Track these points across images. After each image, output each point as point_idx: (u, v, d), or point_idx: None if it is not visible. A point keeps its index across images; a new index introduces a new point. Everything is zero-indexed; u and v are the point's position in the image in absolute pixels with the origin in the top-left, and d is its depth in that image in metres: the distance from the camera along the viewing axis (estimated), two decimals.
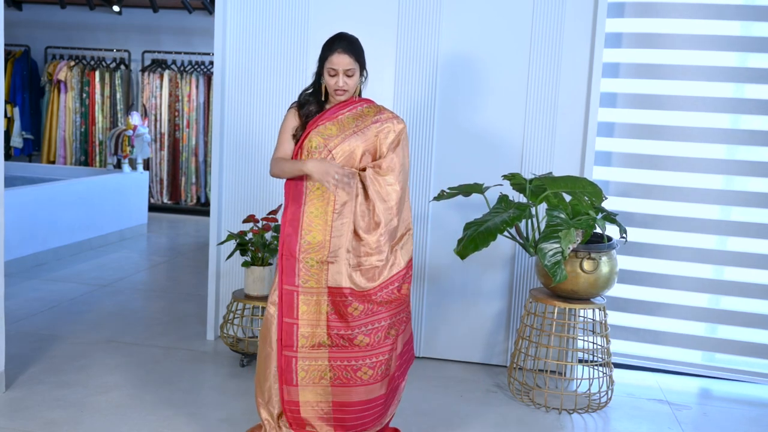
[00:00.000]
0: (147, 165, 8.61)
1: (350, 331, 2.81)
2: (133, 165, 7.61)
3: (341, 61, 2.83)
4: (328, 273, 2.82)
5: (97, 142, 9.06)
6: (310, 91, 2.99)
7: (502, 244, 3.95)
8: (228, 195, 4.26)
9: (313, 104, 2.96)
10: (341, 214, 2.82)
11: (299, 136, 2.94)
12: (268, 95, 4.16)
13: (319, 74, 2.94)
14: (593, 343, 3.68)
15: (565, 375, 3.83)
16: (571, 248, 3.31)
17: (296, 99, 3.05)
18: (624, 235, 3.55)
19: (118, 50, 9.30)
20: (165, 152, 8.99)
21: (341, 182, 2.74)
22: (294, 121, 2.98)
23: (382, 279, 2.84)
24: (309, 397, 2.85)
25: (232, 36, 4.15)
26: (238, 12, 4.13)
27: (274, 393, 2.93)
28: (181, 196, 9.08)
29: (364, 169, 2.87)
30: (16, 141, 9.09)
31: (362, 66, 2.90)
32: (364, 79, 2.96)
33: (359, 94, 2.97)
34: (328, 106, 2.96)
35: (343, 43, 2.85)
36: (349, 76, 2.86)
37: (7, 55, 9.07)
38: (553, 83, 3.89)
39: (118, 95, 9.09)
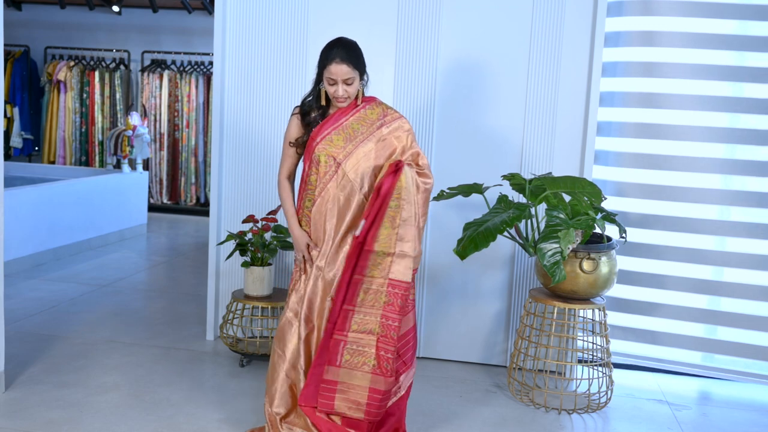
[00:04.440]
0: (146, 165, 8.62)
1: (397, 323, 2.88)
2: (132, 165, 7.61)
3: (339, 71, 2.85)
4: (392, 266, 2.87)
5: (96, 142, 9.07)
6: (310, 98, 3.01)
7: (502, 244, 3.95)
8: (227, 195, 4.26)
9: (315, 110, 2.98)
10: (405, 210, 2.90)
11: (303, 143, 3.01)
12: (267, 95, 4.16)
13: (318, 80, 2.96)
14: (593, 343, 3.68)
15: (564, 375, 3.83)
16: (571, 248, 3.31)
17: (298, 104, 3.07)
18: (623, 235, 3.55)
19: (117, 50, 9.30)
20: (164, 152, 8.99)
21: (301, 261, 3.01)
22: (296, 131, 3.04)
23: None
24: (347, 379, 2.88)
25: (231, 36, 4.16)
26: (237, 12, 4.13)
27: (279, 396, 2.97)
28: (180, 196, 9.08)
29: (394, 168, 2.90)
30: (16, 141, 9.10)
31: (362, 72, 2.93)
32: (365, 83, 2.97)
33: (362, 95, 2.99)
34: (331, 111, 2.98)
35: (341, 52, 2.85)
36: (348, 84, 2.88)
37: (7, 55, 9.07)
38: (552, 82, 3.89)
39: (118, 95, 9.10)
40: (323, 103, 2.98)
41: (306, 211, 3.01)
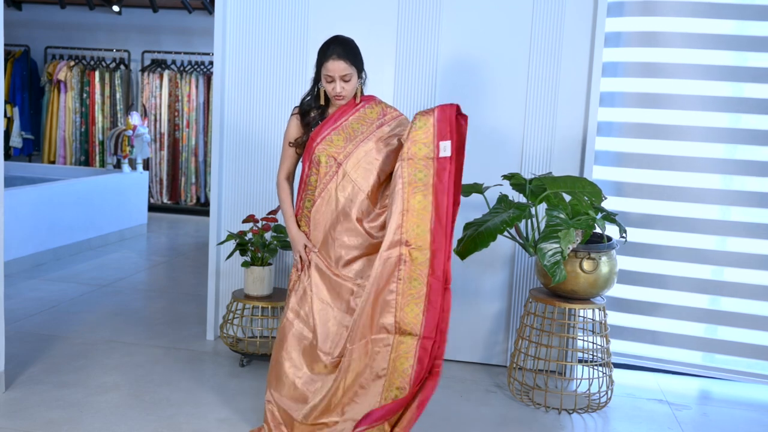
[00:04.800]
0: (147, 165, 8.62)
1: None
2: (132, 165, 7.61)
3: (337, 67, 2.83)
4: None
5: (97, 142, 9.07)
6: (309, 97, 3.00)
7: (502, 244, 3.94)
8: (228, 195, 4.26)
9: (314, 110, 2.97)
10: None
11: (302, 143, 2.99)
12: (268, 95, 4.16)
13: (316, 79, 2.95)
14: (593, 343, 3.68)
15: (564, 375, 3.83)
16: (571, 248, 3.31)
17: (298, 104, 3.06)
18: (624, 235, 3.55)
19: (117, 50, 9.30)
20: (165, 152, 8.99)
21: (298, 261, 3.00)
22: (295, 131, 3.03)
23: None
24: None
25: (232, 36, 4.16)
26: (238, 12, 4.13)
27: (288, 398, 2.95)
28: (180, 196, 9.08)
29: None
30: (16, 141, 9.10)
31: (359, 69, 2.91)
32: (363, 80, 2.96)
33: (361, 93, 2.98)
34: (330, 110, 2.97)
35: (338, 49, 2.84)
36: (346, 81, 2.87)
37: (7, 55, 9.07)
38: (552, 82, 3.89)
39: (118, 95, 9.10)
40: (322, 102, 2.97)
41: (306, 212, 3.00)
